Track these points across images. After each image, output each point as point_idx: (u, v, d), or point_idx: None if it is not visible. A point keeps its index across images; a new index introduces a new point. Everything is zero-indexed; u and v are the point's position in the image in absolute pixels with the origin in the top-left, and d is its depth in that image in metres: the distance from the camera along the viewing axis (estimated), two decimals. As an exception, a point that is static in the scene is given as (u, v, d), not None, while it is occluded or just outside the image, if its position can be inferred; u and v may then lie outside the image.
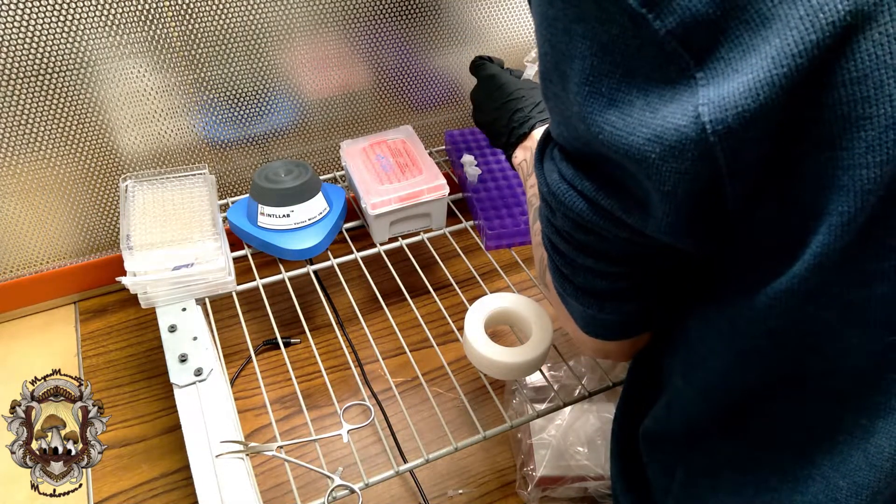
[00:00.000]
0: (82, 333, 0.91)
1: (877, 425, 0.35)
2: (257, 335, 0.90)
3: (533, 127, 0.70)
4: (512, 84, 0.74)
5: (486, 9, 0.97)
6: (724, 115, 0.28)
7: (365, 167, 0.85)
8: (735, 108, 0.28)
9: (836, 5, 0.26)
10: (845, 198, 0.29)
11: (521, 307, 0.71)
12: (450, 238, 0.88)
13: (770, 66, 0.27)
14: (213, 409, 0.64)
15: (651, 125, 0.30)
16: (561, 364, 0.80)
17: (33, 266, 0.91)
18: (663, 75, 0.30)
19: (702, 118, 0.29)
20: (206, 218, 0.77)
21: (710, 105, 0.29)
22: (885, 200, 0.29)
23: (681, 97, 0.30)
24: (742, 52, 0.28)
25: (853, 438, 0.35)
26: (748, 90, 0.28)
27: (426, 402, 0.83)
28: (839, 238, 0.30)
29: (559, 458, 0.74)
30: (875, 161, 0.28)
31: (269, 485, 0.75)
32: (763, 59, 0.27)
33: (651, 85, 0.31)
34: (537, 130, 0.70)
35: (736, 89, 0.28)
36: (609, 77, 0.32)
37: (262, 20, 0.84)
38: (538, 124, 0.70)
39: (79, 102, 0.80)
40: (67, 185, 0.86)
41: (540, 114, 0.70)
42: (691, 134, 0.29)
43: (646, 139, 0.31)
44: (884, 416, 0.34)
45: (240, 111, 0.91)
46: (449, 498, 0.75)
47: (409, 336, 0.79)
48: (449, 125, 1.08)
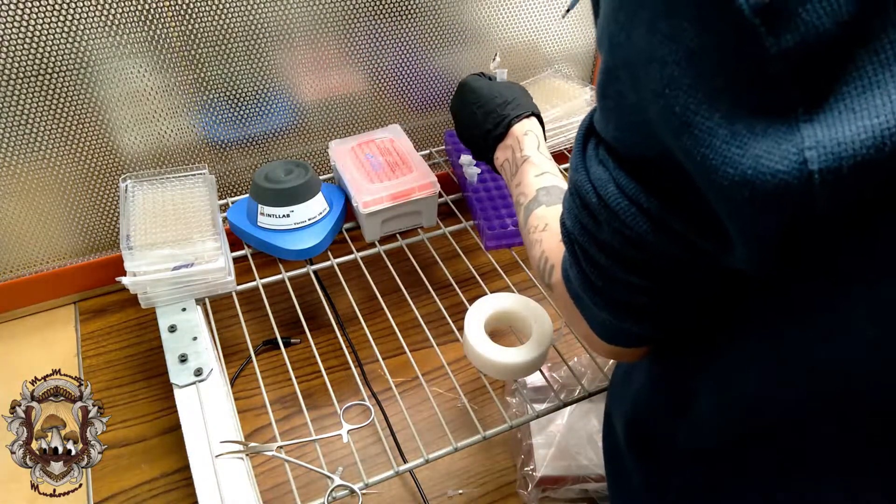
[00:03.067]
0: (82, 333, 0.91)
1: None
2: (257, 335, 0.90)
3: (509, 125, 0.68)
4: (484, 87, 0.72)
5: (486, 9, 0.97)
6: (837, 163, 0.24)
7: (355, 166, 0.86)
8: (853, 157, 0.24)
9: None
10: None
11: (521, 307, 0.71)
12: (450, 238, 0.88)
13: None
14: (213, 409, 0.64)
15: (739, 164, 0.26)
16: (561, 364, 0.80)
17: (33, 266, 0.91)
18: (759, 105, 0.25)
19: (809, 165, 0.24)
20: (206, 218, 0.77)
21: (819, 149, 0.24)
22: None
23: (777, 134, 0.25)
24: (863, 90, 0.24)
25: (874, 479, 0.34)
26: (871, 137, 0.23)
27: (426, 402, 0.83)
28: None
29: (559, 459, 0.74)
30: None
31: (269, 485, 0.75)
32: (893, 101, 0.23)
33: (740, 114, 0.26)
34: (515, 127, 0.68)
35: (855, 135, 0.23)
36: (689, 95, 0.27)
37: (262, 20, 0.84)
38: (514, 121, 0.68)
39: (79, 102, 0.80)
40: (67, 185, 0.86)
41: (514, 110, 0.68)
42: (793, 181, 0.25)
43: (732, 181, 0.26)
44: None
45: (240, 111, 0.91)
46: (449, 498, 0.75)
47: (409, 336, 0.79)
48: (449, 125, 1.08)
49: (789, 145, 0.25)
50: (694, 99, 0.27)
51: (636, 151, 0.33)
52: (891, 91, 0.23)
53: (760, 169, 0.25)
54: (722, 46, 0.25)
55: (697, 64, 0.26)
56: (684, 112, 0.27)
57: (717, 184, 0.27)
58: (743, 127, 0.26)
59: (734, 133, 0.26)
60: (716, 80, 0.26)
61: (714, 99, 0.26)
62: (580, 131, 0.38)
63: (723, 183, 0.27)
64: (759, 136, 0.25)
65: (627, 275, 0.37)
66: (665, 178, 0.31)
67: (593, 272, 0.39)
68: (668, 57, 0.27)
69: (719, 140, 0.26)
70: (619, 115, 0.33)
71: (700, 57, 0.26)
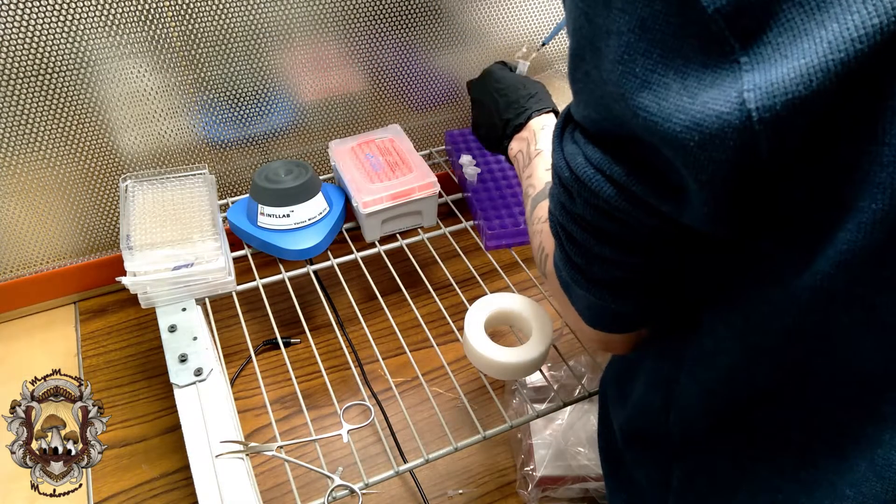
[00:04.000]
0: (82, 333, 0.91)
1: (884, 437, 0.33)
2: (257, 335, 0.90)
3: (529, 117, 0.69)
4: (508, 77, 0.74)
5: (486, 9, 0.97)
6: (772, 101, 0.27)
7: (355, 166, 0.86)
8: (784, 95, 0.27)
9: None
10: (880, 195, 0.28)
11: (521, 307, 0.71)
12: (450, 238, 0.88)
13: (826, 50, 0.26)
14: (213, 409, 0.64)
15: (689, 111, 0.29)
16: (561, 364, 0.80)
17: (33, 266, 0.91)
18: (704, 58, 0.28)
19: (747, 104, 0.27)
20: (206, 218, 0.77)
21: (756, 91, 0.27)
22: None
23: (723, 82, 0.28)
24: (793, 37, 0.27)
25: (859, 447, 0.34)
26: (800, 76, 0.26)
27: (426, 402, 0.83)
28: (868, 236, 0.29)
29: (559, 458, 0.74)
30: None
31: (269, 485, 0.75)
32: (818, 43, 0.26)
33: (690, 68, 0.29)
34: (534, 121, 0.69)
35: (786, 75, 0.26)
36: (645, 57, 0.30)
37: (262, 20, 0.84)
38: (534, 114, 0.69)
39: (79, 102, 0.80)
40: (67, 185, 0.86)
41: (536, 104, 0.70)
42: (734, 121, 0.28)
43: (683, 126, 0.29)
44: (892, 427, 0.33)
45: (240, 111, 0.91)
46: (449, 498, 0.75)
47: (409, 336, 0.79)
48: (449, 125, 1.08)
49: (732, 91, 0.28)
50: (650, 60, 0.30)
51: (602, 126, 0.36)
52: (815, 36, 0.26)
53: (707, 113, 0.28)
54: (668, 11, 0.29)
55: (650, 29, 0.30)
56: (643, 72, 0.30)
57: (671, 133, 0.30)
58: (693, 80, 0.29)
59: (686, 87, 0.29)
60: (667, 41, 0.29)
61: (667, 58, 0.30)
62: (559, 120, 0.41)
63: (675, 130, 0.29)
64: (707, 86, 0.28)
65: (602, 247, 0.39)
66: (627, 148, 0.35)
67: (572, 249, 0.42)
68: (623, 27, 0.30)
69: (674, 93, 0.29)
70: (588, 94, 0.36)
71: (651, 23, 0.29)
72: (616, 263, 0.40)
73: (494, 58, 1.02)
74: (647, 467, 0.51)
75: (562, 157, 0.39)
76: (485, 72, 0.78)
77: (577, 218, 0.40)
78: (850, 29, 0.25)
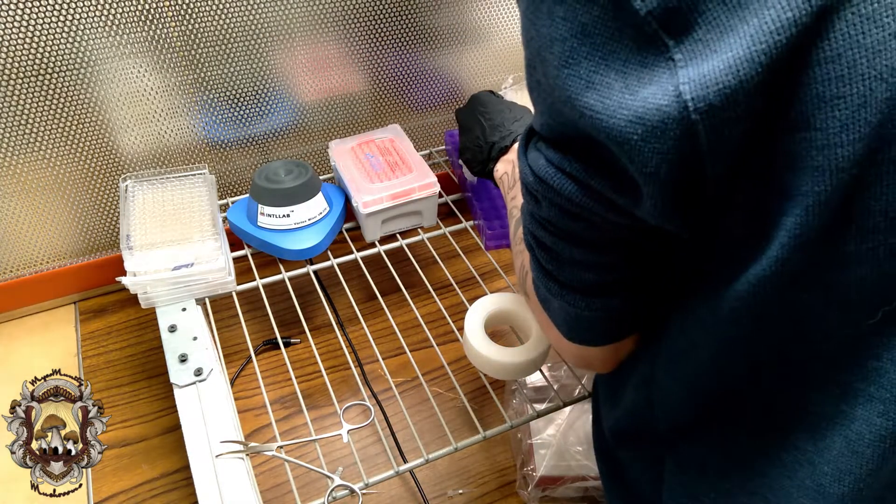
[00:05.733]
0: (82, 333, 0.91)
1: (856, 412, 0.35)
2: (257, 335, 0.90)
3: (514, 140, 0.70)
4: (494, 102, 0.75)
5: (486, 9, 0.97)
6: (705, 92, 0.29)
7: (355, 166, 0.86)
8: (716, 86, 0.29)
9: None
10: (820, 177, 0.29)
11: (521, 307, 0.71)
12: (450, 238, 0.88)
13: (749, 43, 0.28)
14: (213, 409, 0.64)
15: (631, 107, 0.31)
16: (561, 364, 0.80)
17: (33, 266, 0.91)
18: (642, 58, 0.30)
19: (683, 96, 0.29)
20: (206, 218, 0.77)
21: (690, 83, 0.29)
22: (858, 179, 0.29)
23: (660, 79, 0.30)
24: (719, 33, 0.29)
25: (834, 424, 0.36)
26: (728, 67, 0.28)
27: (426, 402, 0.83)
28: (816, 217, 0.30)
29: (559, 458, 0.74)
30: (849, 139, 0.28)
31: (269, 485, 0.75)
32: (741, 37, 0.28)
33: (630, 67, 0.31)
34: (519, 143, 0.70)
35: (716, 67, 0.29)
36: (588, 59, 0.32)
37: (262, 20, 0.84)
38: (519, 137, 0.69)
39: (79, 102, 0.80)
40: (67, 185, 0.86)
41: (521, 127, 0.70)
42: (673, 113, 0.30)
43: (627, 121, 0.31)
44: (863, 402, 0.35)
45: (240, 111, 0.91)
46: (449, 498, 0.75)
47: (409, 336, 0.79)
48: (449, 125, 1.08)
49: (669, 85, 0.30)
50: (592, 62, 0.32)
51: (558, 130, 0.38)
52: (739, 31, 0.28)
53: (648, 107, 0.30)
54: (605, 16, 0.31)
55: (590, 34, 0.32)
56: (587, 74, 0.32)
57: (616, 128, 0.31)
58: (633, 79, 0.31)
59: (627, 85, 0.31)
60: (606, 44, 0.31)
61: (608, 59, 0.31)
62: (523, 134, 0.43)
63: (620, 125, 0.31)
64: (646, 83, 0.30)
65: (571, 250, 0.41)
66: (582, 148, 0.36)
67: (543, 255, 0.44)
68: (566, 33, 0.32)
69: (616, 91, 0.31)
70: (542, 102, 0.38)
71: (591, 28, 0.31)
72: (585, 265, 0.42)
73: (494, 57, 1.03)
74: (640, 465, 0.52)
75: (526, 163, 0.41)
76: (472, 98, 0.79)
77: (545, 222, 0.42)
78: (768, 22, 0.28)
